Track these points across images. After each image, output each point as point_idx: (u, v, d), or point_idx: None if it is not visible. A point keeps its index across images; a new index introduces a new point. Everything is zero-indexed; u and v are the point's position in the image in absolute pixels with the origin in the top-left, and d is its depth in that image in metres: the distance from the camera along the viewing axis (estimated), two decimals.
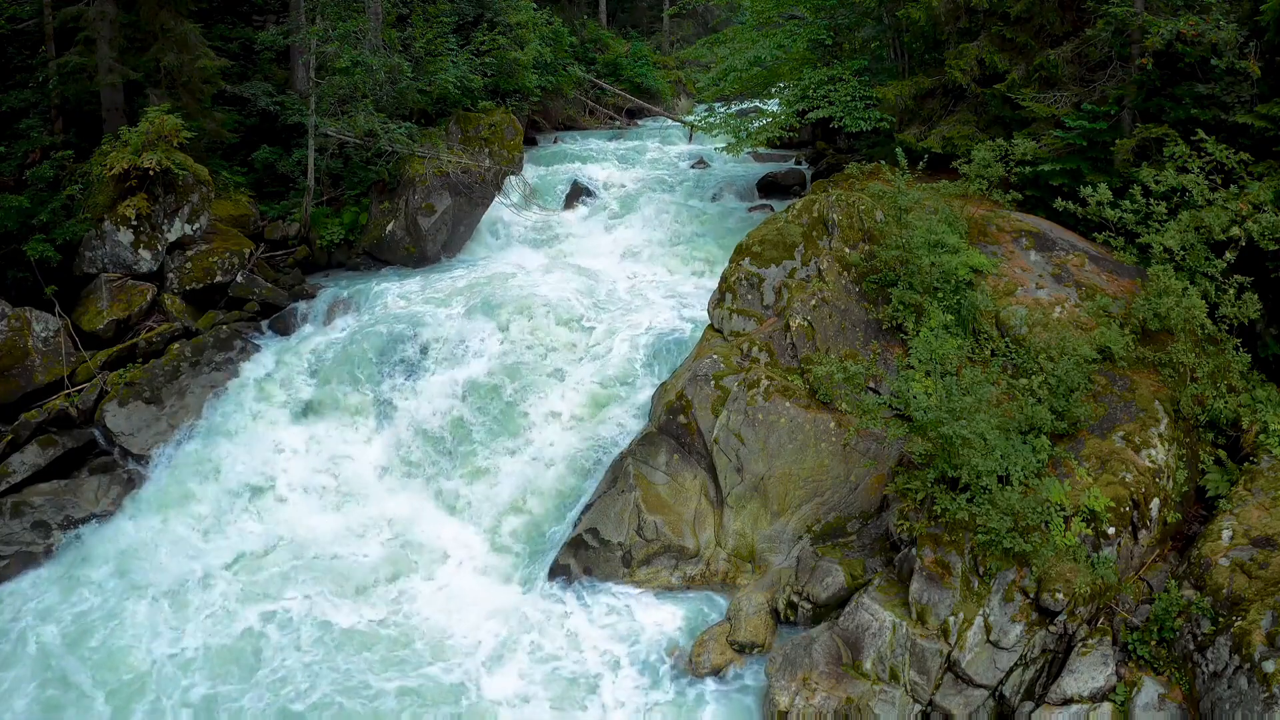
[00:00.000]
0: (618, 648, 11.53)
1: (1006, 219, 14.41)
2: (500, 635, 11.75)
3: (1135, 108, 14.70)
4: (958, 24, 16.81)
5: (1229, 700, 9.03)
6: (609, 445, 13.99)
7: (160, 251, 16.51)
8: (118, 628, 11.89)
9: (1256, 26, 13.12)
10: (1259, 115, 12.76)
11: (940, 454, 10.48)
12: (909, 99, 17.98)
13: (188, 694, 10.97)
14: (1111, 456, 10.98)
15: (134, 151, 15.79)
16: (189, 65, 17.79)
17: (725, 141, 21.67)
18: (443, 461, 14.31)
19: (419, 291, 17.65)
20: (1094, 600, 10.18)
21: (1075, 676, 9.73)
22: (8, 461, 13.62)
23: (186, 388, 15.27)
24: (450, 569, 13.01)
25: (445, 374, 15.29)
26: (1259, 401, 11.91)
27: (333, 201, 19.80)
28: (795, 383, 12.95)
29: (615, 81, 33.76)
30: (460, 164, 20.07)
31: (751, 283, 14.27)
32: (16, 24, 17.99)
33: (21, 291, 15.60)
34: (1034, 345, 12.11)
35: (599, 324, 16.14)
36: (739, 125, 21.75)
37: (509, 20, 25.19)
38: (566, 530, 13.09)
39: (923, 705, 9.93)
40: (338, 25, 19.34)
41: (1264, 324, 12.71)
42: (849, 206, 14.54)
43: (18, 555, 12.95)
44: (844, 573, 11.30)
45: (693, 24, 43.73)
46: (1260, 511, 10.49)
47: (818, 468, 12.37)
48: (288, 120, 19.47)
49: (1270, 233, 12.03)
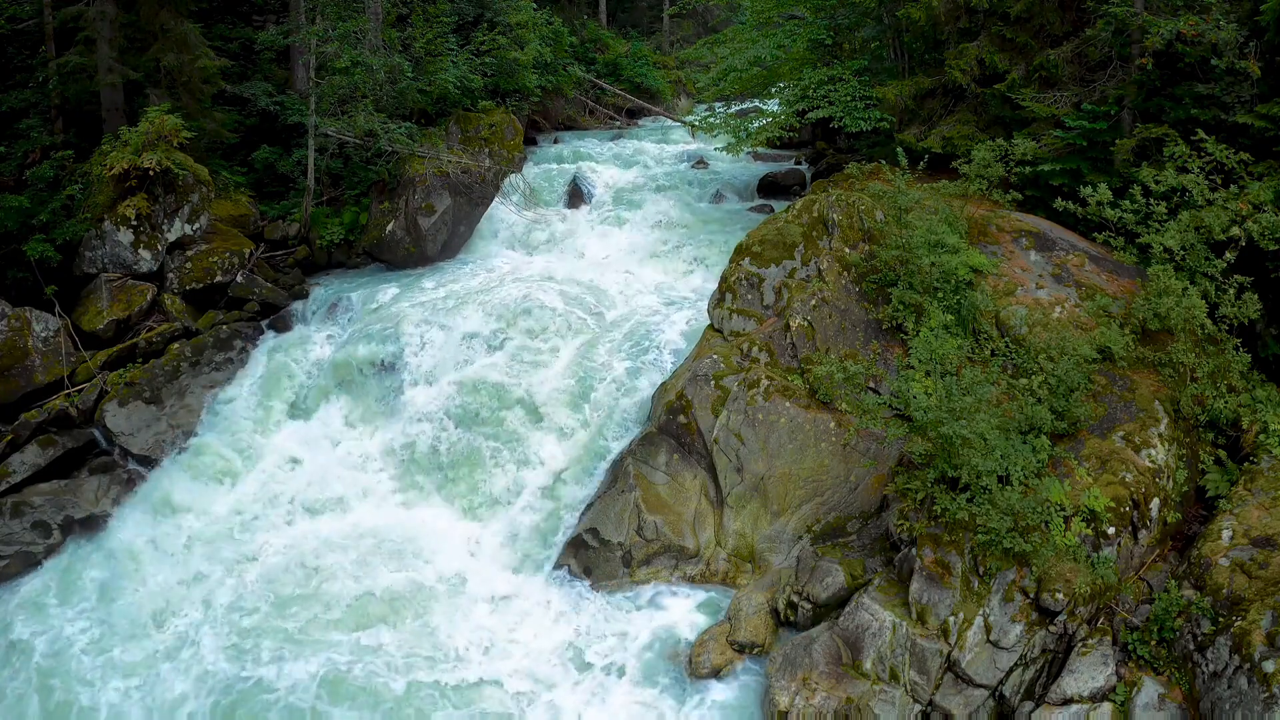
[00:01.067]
0: (618, 648, 11.53)
1: (1006, 219, 14.41)
2: (499, 634, 11.75)
3: (1135, 108, 14.70)
4: (958, 24, 16.82)
5: (1229, 700, 9.03)
6: (609, 444, 13.99)
7: (160, 251, 16.51)
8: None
9: (1256, 26, 13.12)
10: (1259, 115, 12.76)
11: (940, 454, 10.48)
12: (909, 99, 17.98)
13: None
14: (1111, 456, 10.98)
15: (134, 151, 15.80)
16: (189, 65, 17.79)
17: (725, 141, 21.65)
18: (442, 463, 14.29)
19: (419, 292, 17.64)
20: (1094, 600, 10.18)
21: (1075, 676, 9.73)
22: (8, 461, 13.62)
23: (186, 388, 15.28)
24: (450, 568, 12.99)
25: (444, 375, 15.28)
26: (1259, 401, 11.91)
27: (333, 201, 19.81)
28: (795, 383, 12.95)
29: (615, 81, 33.74)
30: (460, 164, 20.07)
31: (751, 283, 14.27)
32: (16, 24, 18.00)
33: (21, 291, 15.62)
34: (1034, 345, 12.11)
35: (599, 323, 16.14)
36: (739, 125, 21.73)
37: (509, 20, 25.19)
38: (566, 531, 13.09)
39: (923, 705, 9.92)
40: (338, 25, 19.35)
41: (1264, 324, 12.71)
42: (849, 206, 14.54)
43: (18, 555, 12.95)
44: (844, 573, 11.29)
45: (693, 24, 43.71)
46: (1260, 511, 10.49)
47: (818, 468, 12.37)
48: (288, 120, 19.48)
49: (1270, 233, 12.03)
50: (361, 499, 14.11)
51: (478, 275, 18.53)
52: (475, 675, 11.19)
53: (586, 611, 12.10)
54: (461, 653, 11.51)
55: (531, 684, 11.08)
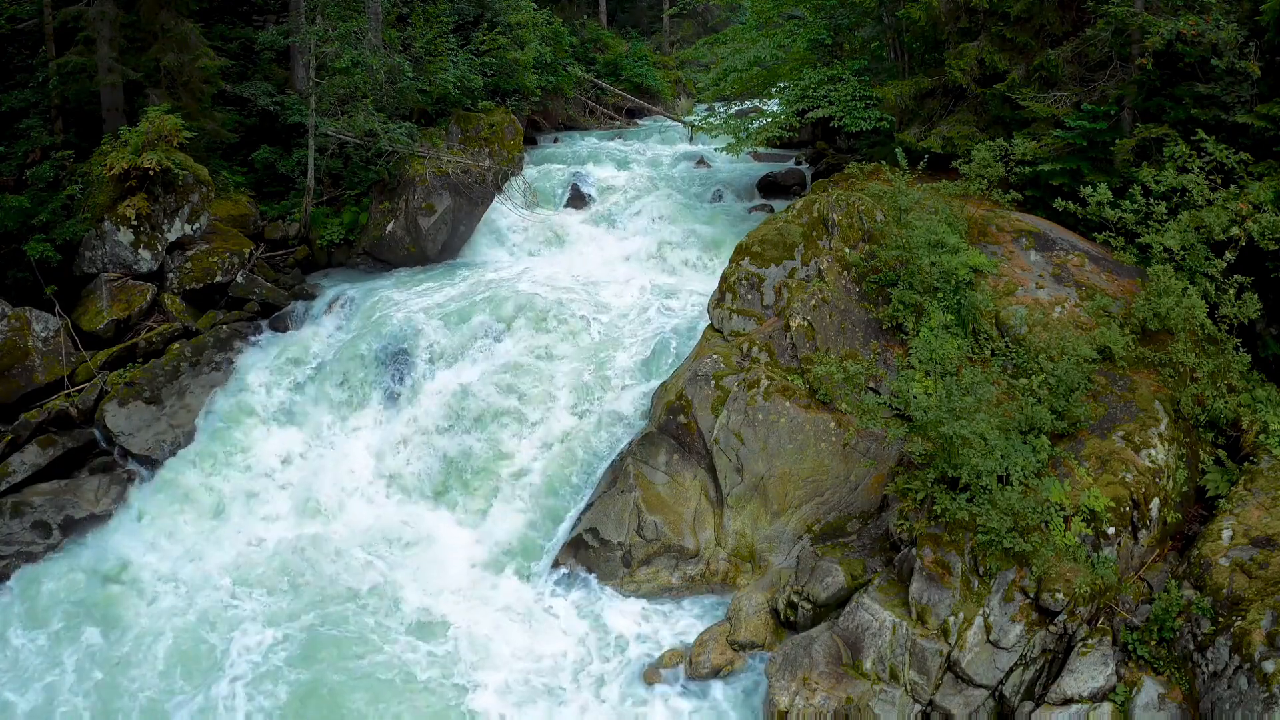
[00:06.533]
0: (617, 648, 11.53)
1: (1006, 219, 14.41)
2: (498, 633, 11.75)
3: (1135, 108, 14.70)
4: (958, 24, 16.81)
5: (1229, 700, 9.03)
6: (609, 445, 13.99)
7: (160, 251, 16.51)
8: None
9: (1256, 26, 13.12)
10: (1259, 115, 12.76)
11: (940, 454, 10.48)
12: (909, 99, 17.98)
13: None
14: (1111, 456, 10.97)
15: (134, 151, 15.79)
16: (189, 65, 17.79)
17: (725, 141, 21.65)
18: (442, 464, 14.29)
19: (419, 292, 17.63)
20: (1094, 600, 10.18)
21: (1075, 676, 9.73)
22: (8, 461, 13.63)
23: (186, 388, 15.28)
24: (450, 567, 13.00)
25: (444, 375, 15.29)
26: (1259, 401, 11.91)
27: (333, 201, 19.80)
28: (795, 383, 12.95)
29: (615, 81, 33.74)
30: (460, 164, 20.06)
31: (751, 283, 14.27)
32: (16, 24, 17.99)
33: (21, 291, 15.61)
34: (1034, 345, 12.11)
35: (599, 324, 16.14)
36: (739, 125, 21.72)
37: (509, 20, 25.17)
38: (566, 530, 13.09)
39: (923, 705, 9.92)
40: (338, 25, 19.33)
41: (1264, 324, 12.71)
42: (849, 206, 14.54)
43: (18, 555, 12.95)
44: (844, 573, 11.29)
45: (693, 24, 43.70)
46: (1260, 511, 10.49)
47: (818, 468, 12.37)
48: (288, 120, 19.47)
49: (1270, 233, 12.02)
50: (359, 499, 14.11)
51: (478, 275, 18.52)
52: (468, 673, 11.19)
53: (586, 611, 12.10)
54: (461, 652, 11.51)
55: (530, 684, 11.07)
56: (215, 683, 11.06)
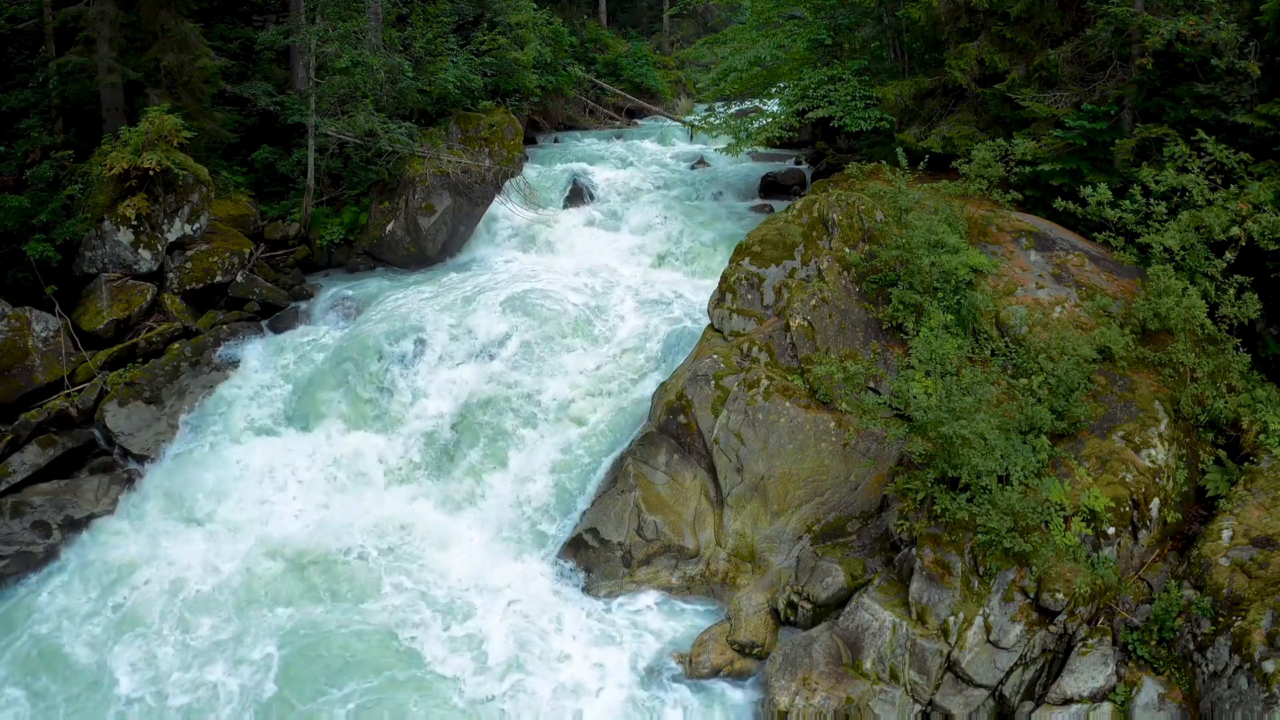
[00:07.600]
0: (616, 647, 11.53)
1: (1006, 219, 14.41)
2: (497, 633, 11.75)
3: (1135, 108, 14.70)
4: (958, 24, 16.81)
5: (1229, 700, 9.03)
6: (608, 446, 13.99)
7: (160, 251, 16.50)
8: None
9: (1256, 26, 13.12)
10: (1259, 115, 12.76)
11: (940, 454, 10.48)
12: (909, 99, 17.98)
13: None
14: (1111, 456, 10.98)
15: (134, 151, 15.78)
16: (189, 65, 17.78)
17: (725, 141, 21.67)
18: (443, 463, 14.30)
19: (419, 292, 17.63)
20: (1094, 600, 10.18)
21: (1075, 676, 9.73)
22: (8, 461, 13.61)
23: (186, 388, 15.27)
24: (450, 567, 12.99)
25: (444, 376, 15.28)
26: (1259, 401, 11.91)
27: (333, 201, 19.80)
28: (795, 383, 12.95)
29: (615, 81, 33.74)
30: (460, 164, 20.07)
31: (751, 283, 14.27)
32: (16, 24, 17.97)
33: (21, 291, 15.60)
34: (1034, 345, 12.11)
35: (599, 324, 16.14)
36: (739, 125, 21.74)
37: (509, 20, 25.18)
38: (565, 530, 13.09)
39: (923, 705, 9.93)
40: (338, 25, 19.33)
41: (1264, 324, 12.71)
42: (849, 206, 14.54)
43: (17, 555, 12.95)
44: (844, 573, 11.29)
45: (693, 24, 43.70)
46: (1260, 511, 10.49)
47: (818, 468, 12.37)
48: (288, 120, 19.47)
49: (1270, 233, 12.03)
50: (358, 499, 14.11)
51: (478, 275, 18.52)
52: (466, 672, 11.19)
53: (585, 611, 12.10)
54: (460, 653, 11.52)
55: (526, 681, 11.07)
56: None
